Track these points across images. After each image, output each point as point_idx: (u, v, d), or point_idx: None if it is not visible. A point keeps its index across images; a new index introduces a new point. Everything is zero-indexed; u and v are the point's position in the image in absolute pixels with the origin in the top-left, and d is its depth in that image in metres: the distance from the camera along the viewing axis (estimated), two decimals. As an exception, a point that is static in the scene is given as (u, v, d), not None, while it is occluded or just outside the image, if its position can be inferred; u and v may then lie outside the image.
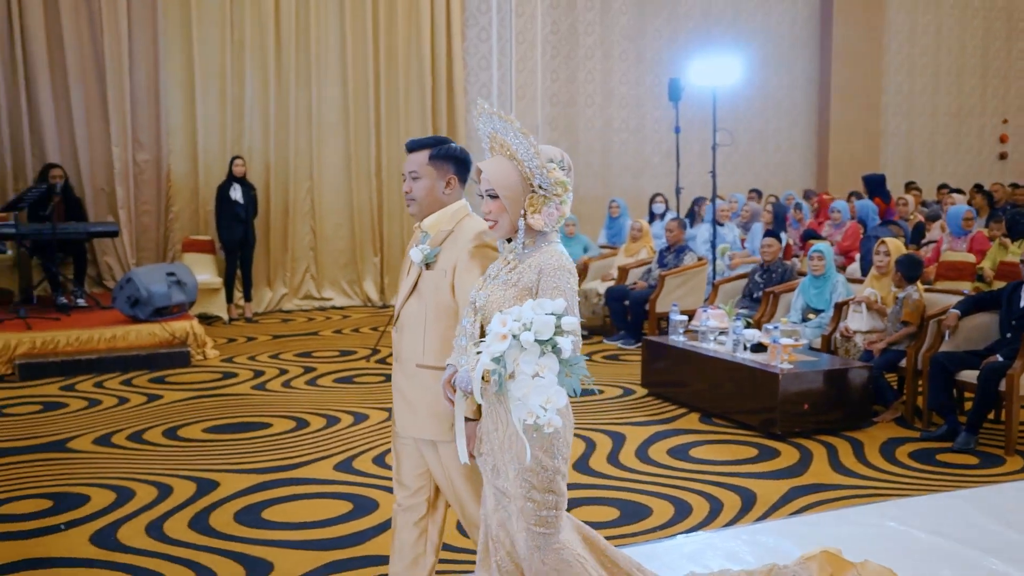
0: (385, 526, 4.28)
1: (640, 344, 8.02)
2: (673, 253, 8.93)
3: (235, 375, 7.46)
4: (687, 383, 6.46)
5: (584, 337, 8.79)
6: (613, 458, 5.33)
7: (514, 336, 2.39)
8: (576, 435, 5.60)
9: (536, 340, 2.37)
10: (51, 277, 8.87)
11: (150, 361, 7.66)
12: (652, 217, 11.13)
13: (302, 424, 6.03)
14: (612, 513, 4.49)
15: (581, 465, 5.20)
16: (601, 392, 2.31)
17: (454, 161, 3.05)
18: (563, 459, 2.65)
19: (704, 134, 12.05)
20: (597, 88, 12.94)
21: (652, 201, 11.36)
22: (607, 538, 4.05)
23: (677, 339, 6.70)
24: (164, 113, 10.12)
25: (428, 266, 3.01)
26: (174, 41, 10.19)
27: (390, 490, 4.72)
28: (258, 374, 7.50)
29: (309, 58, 10.73)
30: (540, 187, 2.66)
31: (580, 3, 12.63)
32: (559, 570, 2.65)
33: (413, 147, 3.08)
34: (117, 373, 7.48)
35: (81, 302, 8.82)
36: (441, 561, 3.40)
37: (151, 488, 4.82)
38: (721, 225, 10.03)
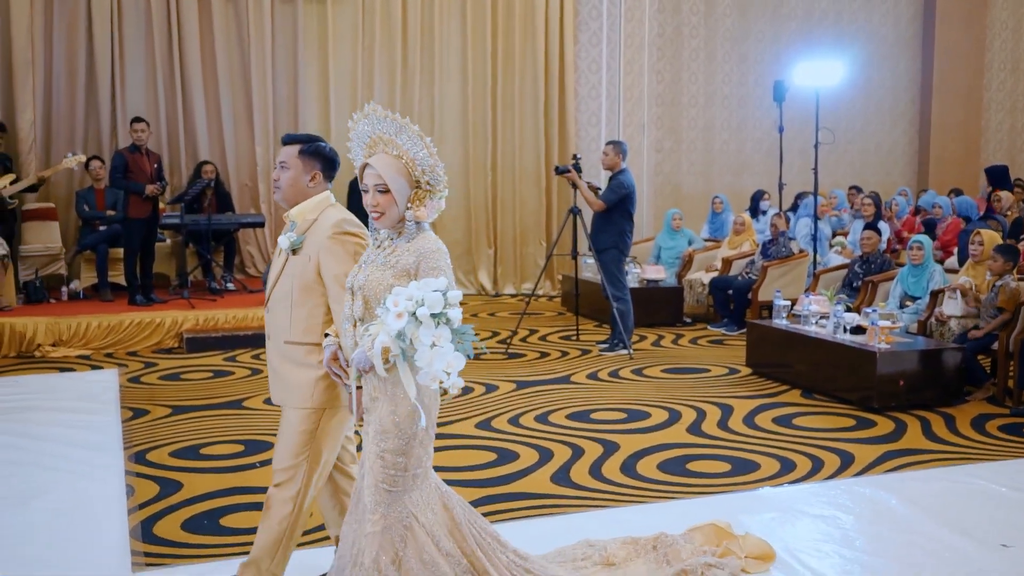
0: (526, 472, 4.99)
1: (742, 331, 8.59)
2: (776, 245, 9.43)
3: (374, 351, 8.27)
4: (790, 363, 7.00)
5: (688, 324, 9.48)
6: (723, 424, 5.94)
7: (411, 314, 2.62)
8: (686, 405, 6.25)
9: (430, 314, 2.61)
10: (204, 264, 9.85)
11: (298, 338, 8.52)
12: (756, 212, 11.61)
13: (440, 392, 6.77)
14: (724, 467, 5.11)
15: (694, 429, 5.82)
16: (486, 353, 2.60)
17: (321, 159, 3.32)
18: (423, 429, 2.89)
19: (805, 132, 12.46)
20: (700, 89, 13.45)
21: (759, 198, 11.83)
22: (721, 485, 4.71)
23: (781, 322, 7.24)
24: (302, 115, 11.06)
25: (295, 252, 3.25)
26: (312, 50, 11.12)
27: (527, 444, 5.46)
28: (394, 351, 8.29)
29: (432, 62, 11.56)
30: (428, 184, 2.94)
31: (685, 7, 13.16)
32: (392, 528, 2.87)
33: (287, 141, 3.37)
34: (263, 348, 8.36)
35: (230, 286, 9.79)
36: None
37: (322, 438, 5.61)
38: (822, 219, 10.51)
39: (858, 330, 6.61)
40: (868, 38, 14.23)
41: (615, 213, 7.96)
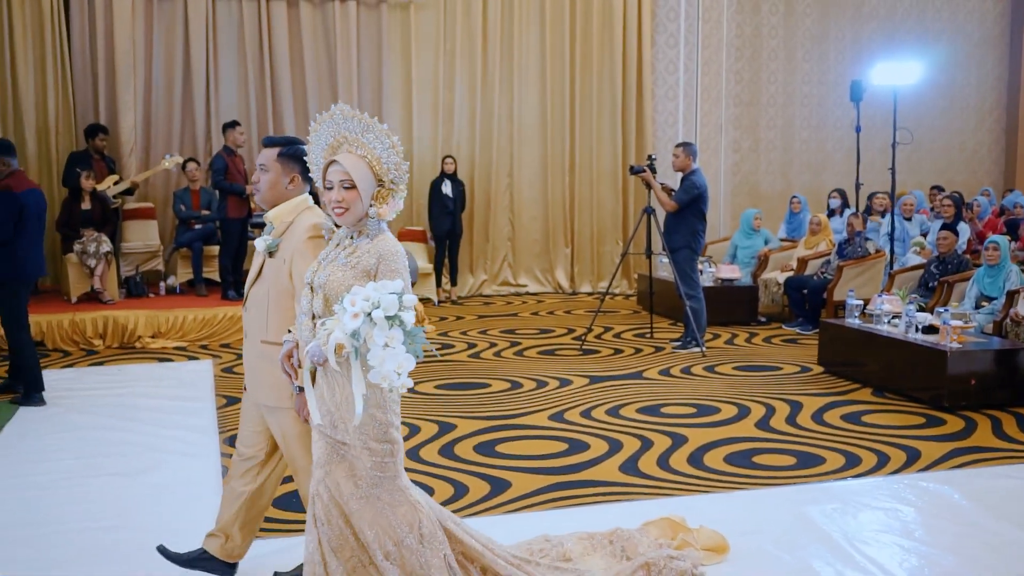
0: (596, 462, 5.20)
1: (816, 330, 8.65)
2: (852, 245, 9.45)
3: (452, 346, 8.57)
4: (861, 362, 7.06)
5: (763, 323, 9.55)
6: (791, 420, 6.06)
7: (366, 314, 2.67)
8: (756, 401, 6.38)
9: (385, 316, 2.66)
10: (292, 260, 10.27)
11: (380, 332, 8.86)
12: (831, 212, 11.59)
13: (516, 385, 7.04)
14: (789, 460, 5.24)
15: (763, 424, 5.95)
16: (434, 352, 2.62)
17: (300, 162, 3.31)
18: (395, 414, 2.98)
19: (885, 132, 12.39)
20: (779, 88, 13.45)
21: (830, 196, 11.81)
22: (785, 477, 4.85)
23: (853, 322, 7.30)
24: (385, 118, 11.39)
25: (271, 254, 3.32)
26: (395, 55, 11.47)
27: (597, 436, 5.67)
28: (471, 346, 8.59)
29: (511, 65, 11.83)
30: (392, 182, 2.99)
31: (765, 8, 13.18)
32: (392, 504, 2.96)
33: (267, 143, 3.42)
34: (438, 352, 8.71)
35: (317, 282, 10.18)
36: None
37: (403, 427, 5.90)
38: (908, 220, 10.48)
39: (930, 329, 6.65)
40: (952, 37, 14.03)
41: (688, 213, 8.11)
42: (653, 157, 8.65)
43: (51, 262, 10.37)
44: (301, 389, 3.08)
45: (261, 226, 9.83)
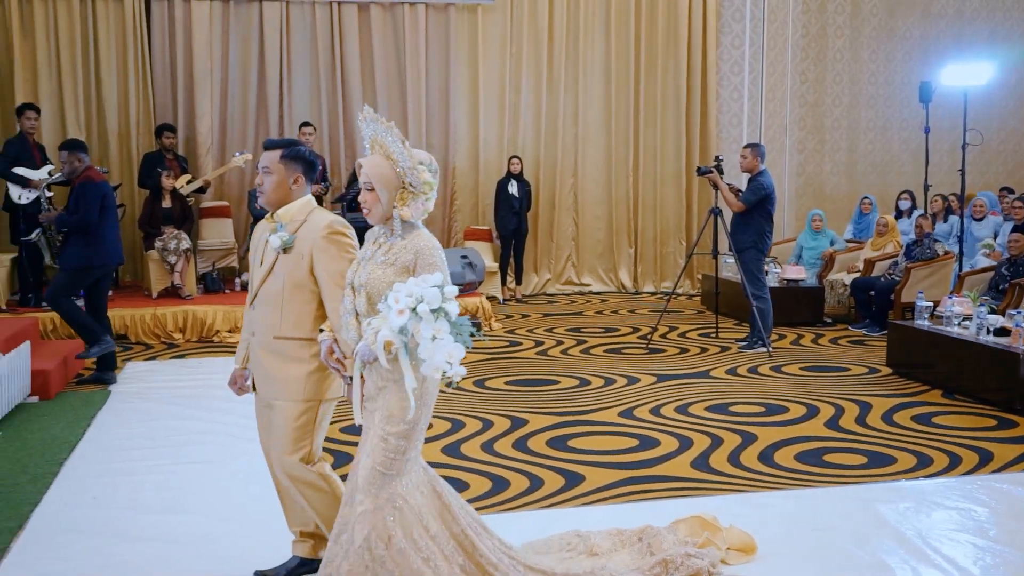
0: (667, 458, 5.31)
1: (883, 332, 8.63)
2: (921, 246, 9.40)
3: (520, 343, 8.72)
4: (931, 363, 7.05)
5: (828, 324, 9.54)
6: (861, 420, 6.09)
7: (412, 310, 2.75)
8: (824, 401, 6.42)
9: (430, 310, 2.75)
10: (361, 258, 10.51)
11: (449, 329, 9.04)
12: (899, 213, 11.51)
13: (584, 382, 7.16)
14: (860, 459, 5.29)
15: (832, 424, 6.00)
16: (479, 336, 2.93)
17: (302, 162, 3.44)
18: (425, 416, 3.05)
19: (953, 133, 12.30)
20: (845, 89, 13.37)
21: (898, 197, 11.73)
22: (856, 476, 4.90)
23: (923, 323, 7.29)
24: (452, 119, 11.62)
25: (285, 251, 3.36)
26: (462, 57, 11.66)
27: (667, 432, 5.76)
28: (538, 343, 8.72)
29: (577, 66, 11.95)
30: (410, 185, 3.04)
31: (830, 7, 13.12)
32: (383, 508, 2.98)
33: (269, 146, 3.46)
34: (483, 335, 8.90)
35: (385, 280, 10.40)
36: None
37: (476, 421, 6.07)
38: (979, 220, 10.39)
39: (1002, 332, 6.63)
40: (1024, 36, 13.82)
41: (755, 213, 8.15)
42: (720, 158, 8.71)
43: (132, 259, 10.76)
44: (352, 379, 3.14)
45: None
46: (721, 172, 8.40)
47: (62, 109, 10.55)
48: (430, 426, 5.85)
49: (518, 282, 11.55)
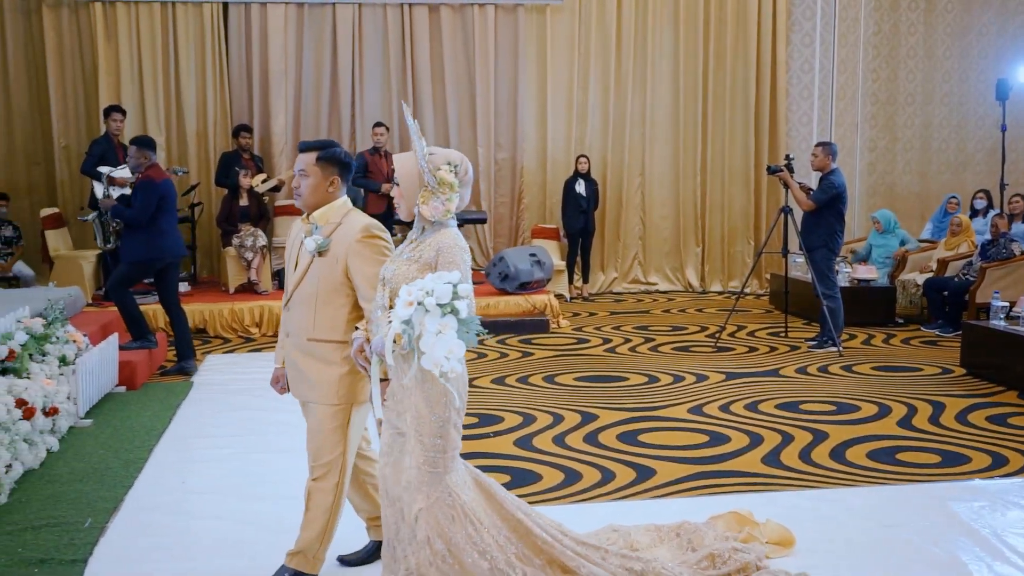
0: (738, 453, 5.34)
1: (957, 332, 8.52)
2: (996, 246, 9.24)
3: (587, 340, 8.79)
4: (1007, 365, 6.95)
5: (900, 325, 9.43)
6: (934, 419, 6.05)
7: (419, 303, 2.80)
8: (897, 400, 6.39)
9: (438, 304, 2.78)
10: (431, 256, 10.67)
11: (517, 326, 9.18)
12: (974, 213, 11.32)
13: (653, 379, 7.21)
14: (934, 458, 5.26)
15: (904, 423, 5.97)
16: (488, 336, 2.93)
17: (338, 164, 3.43)
18: (455, 411, 3.05)
19: (1032, 131, 12.03)
20: (918, 86, 13.16)
21: (974, 197, 11.53)
22: (929, 475, 4.89)
23: (998, 324, 7.19)
24: (520, 119, 11.74)
25: (321, 253, 3.37)
26: (531, 57, 11.77)
27: (737, 429, 5.79)
28: (606, 341, 8.79)
29: (645, 65, 11.97)
30: (428, 184, 3.08)
31: (903, 4, 12.93)
32: (438, 506, 3.03)
33: (304, 148, 3.45)
34: (492, 335, 9.04)
35: (454, 278, 10.55)
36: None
37: (547, 415, 6.16)
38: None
39: (1081, 332, 6.52)
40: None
41: (826, 212, 8.11)
42: (791, 157, 8.68)
43: (210, 255, 11.09)
44: (382, 379, 3.19)
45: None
46: (791, 171, 8.37)
47: (143, 111, 10.90)
48: (501, 419, 5.99)
49: (585, 280, 11.61)
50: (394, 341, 2.89)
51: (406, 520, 3.06)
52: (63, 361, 5.89)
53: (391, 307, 3.01)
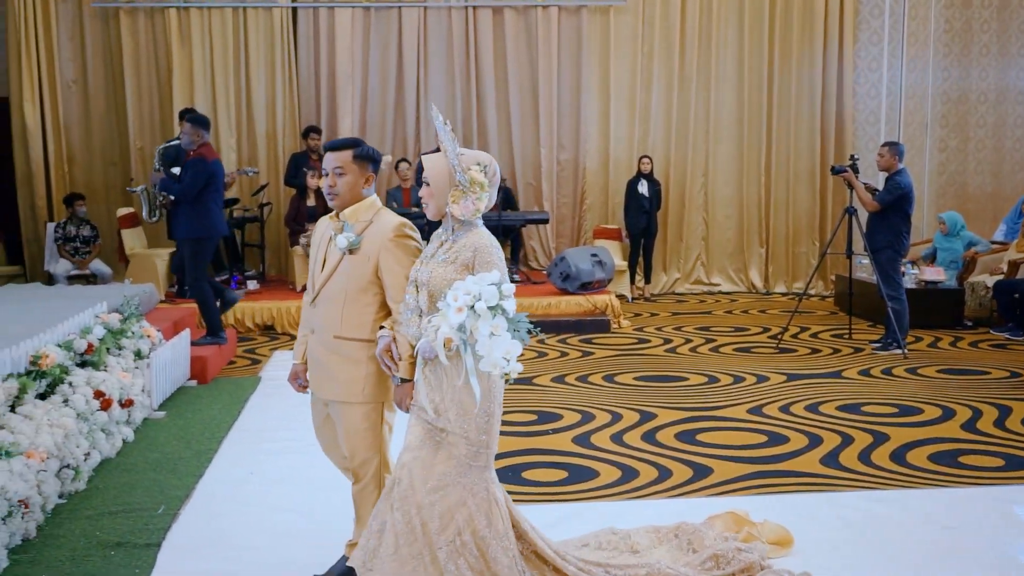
0: (796, 454, 5.33)
1: (1029, 335, 8.36)
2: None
3: (648, 341, 8.82)
4: (1078, 368, 6.82)
5: (969, 327, 9.27)
6: (1000, 423, 5.96)
7: (469, 307, 2.84)
8: (961, 404, 6.31)
9: (487, 307, 2.84)
10: (494, 256, 10.78)
11: (578, 326, 9.24)
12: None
13: (713, 380, 7.21)
14: (997, 462, 5.19)
15: (968, 426, 5.89)
16: (538, 332, 2.97)
17: (372, 161, 3.42)
18: (498, 405, 3.15)
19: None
20: (991, 85, 12.88)
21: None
22: (992, 478, 4.85)
23: (1069, 327, 7.05)
24: (583, 119, 11.79)
25: (351, 251, 3.35)
26: (594, 58, 11.81)
27: (796, 430, 5.78)
28: (667, 341, 8.80)
29: (709, 65, 11.93)
30: (459, 183, 3.10)
31: (976, 1, 12.67)
32: (475, 494, 3.11)
33: (337, 146, 3.42)
34: (553, 334, 9.12)
35: (516, 277, 10.66)
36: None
37: (606, 413, 6.22)
38: None
39: None
40: None
41: (892, 213, 8.02)
42: (856, 157, 8.59)
43: (278, 254, 11.35)
44: (403, 381, 3.22)
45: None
46: (856, 171, 8.28)
47: (215, 113, 11.19)
48: (560, 416, 6.06)
49: (647, 281, 11.62)
50: (444, 346, 2.92)
51: (434, 519, 3.08)
52: (138, 355, 6.12)
53: (431, 310, 3.08)
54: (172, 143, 8.56)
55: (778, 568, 3.58)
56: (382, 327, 3.32)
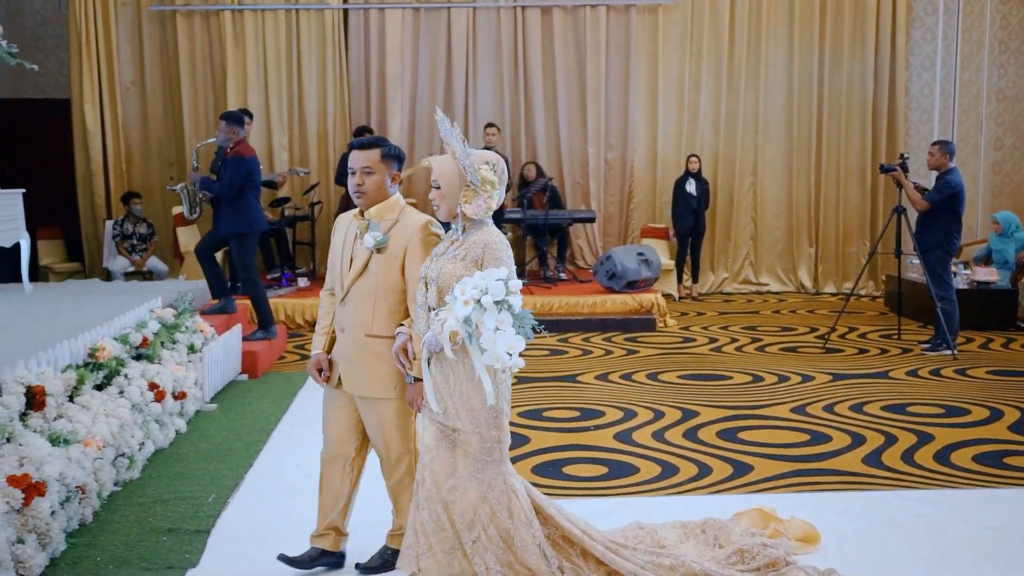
0: (838, 453, 5.33)
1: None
2: None
3: (694, 340, 8.82)
4: None
5: (1022, 329, 9.10)
6: (1049, 424, 5.90)
7: (476, 301, 2.91)
8: (1011, 405, 6.24)
9: (494, 301, 2.90)
10: (541, 255, 10.85)
11: (623, 324, 9.27)
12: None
13: (757, 379, 7.20)
14: (1046, 464, 5.15)
15: (1017, 428, 5.82)
16: (542, 330, 3.04)
17: (398, 160, 3.49)
18: (506, 402, 3.22)
19: None
20: (1049, 82, 12.65)
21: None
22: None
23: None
24: (631, 119, 11.81)
25: (379, 250, 3.39)
26: (642, 57, 11.82)
27: (839, 429, 5.77)
28: (712, 340, 8.79)
29: (758, 63, 11.88)
30: (471, 183, 3.18)
31: (1033, -4, 12.45)
32: (493, 487, 3.18)
33: (364, 145, 3.46)
34: (598, 332, 9.17)
35: (563, 276, 10.73)
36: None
37: (647, 411, 6.25)
38: None
39: None
40: None
41: (942, 213, 7.93)
42: (905, 156, 8.51)
43: (328, 252, 11.49)
44: (416, 379, 3.29)
45: (517, 221, 10.52)
46: (906, 170, 8.21)
47: (267, 113, 11.42)
48: (602, 413, 6.11)
49: (694, 280, 11.60)
50: (449, 339, 2.99)
51: (457, 516, 3.16)
52: (191, 349, 6.30)
53: (439, 305, 3.15)
54: (208, 142, 8.77)
55: (803, 564, 3.59)
56: (400, 325, 3.39)
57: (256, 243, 7.80)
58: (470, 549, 3.17)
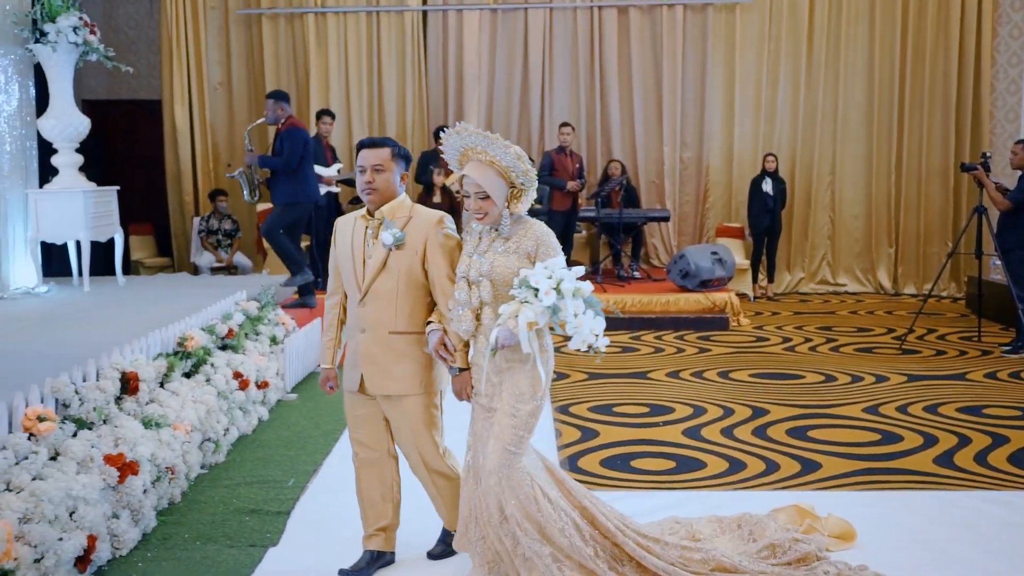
0: (909, 453, 5.31)
1: None
2: None
3: (767, 339, 8.80)
4: None
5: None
6: None
7: (555, 290, 3.02)
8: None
9: (570, 289, 3.02)
10: (615, 253, 10.91)
11: (696, 323, 9.29)
12: None
13: (830, 379, 7.17)
14: (1124, 468, 5.05)
15: (1095, 431, 5.73)
16: (614, 310, 3.16)
17: (407, 159, 3.54)
18: (544, 390, 3.30)
19: None
20: None
21: None
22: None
23: None
24: (707, 118, 11.78)
25: (398, 247, 3.42)
26: (719, 56, 11.78)
27: (912, 430, 5.74)
28: (786, 340, 8.76)
29: (837, 62, 11.74)
30: (521, 184, 3.30)
31: None
32: (515, 486, 3.23)
33: (373, 144, 3.50)
34: (671, 330, 9.20)
35: (636, 274, 10.77)
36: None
37: (717, 408, 6.29)
38: None
39: None
40: None
41: (1024, 213, 7.79)
42: (987, 155, 8.36)
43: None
44: (461, 370, 3.39)
45: (591, 220, 10.60)
46: (987, 169, 8.07)
47: (348, 113, 11.70)
48: (672, 410, 6.19)
49: (770, 280, 11.53)
50: (527, 329, 3.09)
51: (494, 503, 3.27)
52: (273, 341, 6.54)
53: (496, 300, 3.24)
54: (258, 123, 9.09)
55: (834, 560, 3.60)
56: (430, 321, 3.46)
57: (307, 214, 8.10)
58: (510, 541, 3.28)
